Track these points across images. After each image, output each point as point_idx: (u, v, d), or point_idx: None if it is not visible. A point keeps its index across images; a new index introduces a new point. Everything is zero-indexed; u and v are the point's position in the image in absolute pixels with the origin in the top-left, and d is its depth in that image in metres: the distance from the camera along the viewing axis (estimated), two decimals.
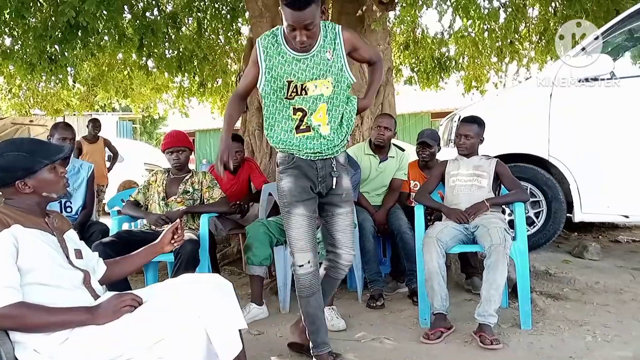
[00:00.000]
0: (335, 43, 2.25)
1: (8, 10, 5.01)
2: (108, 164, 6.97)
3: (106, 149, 6.81)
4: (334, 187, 2.33)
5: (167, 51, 6.96)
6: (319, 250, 3.16)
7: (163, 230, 3.19)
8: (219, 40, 7.82)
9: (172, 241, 2.10)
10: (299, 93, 2.24)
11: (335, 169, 2.33)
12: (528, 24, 7.70)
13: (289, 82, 2.23)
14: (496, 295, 2.69)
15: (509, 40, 7.20)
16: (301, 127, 2.27)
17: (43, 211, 1.81)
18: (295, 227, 2.29)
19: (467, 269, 3.68)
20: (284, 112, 2.28)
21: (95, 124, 6.64)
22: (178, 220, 2.21)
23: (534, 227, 4.19)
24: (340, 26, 2.30)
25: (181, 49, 6.97)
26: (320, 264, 2.46)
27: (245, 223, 3.95)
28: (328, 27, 2.26)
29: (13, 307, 1.54)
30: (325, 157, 2.30)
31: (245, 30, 7.86)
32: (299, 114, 2.26)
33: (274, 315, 3.25)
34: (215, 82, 8.49)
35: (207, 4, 6.90)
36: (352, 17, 4.63)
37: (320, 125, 2.26)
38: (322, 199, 2.37)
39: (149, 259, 2.19)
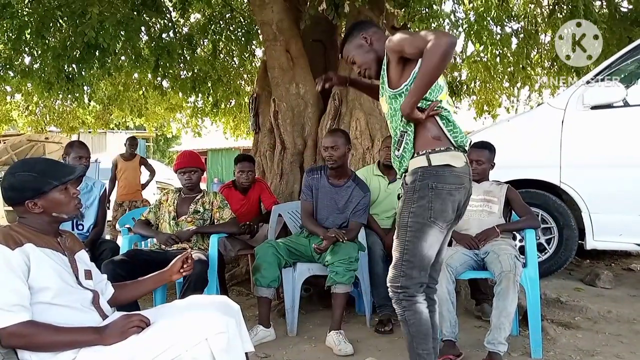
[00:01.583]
0: (385, 54, 2.12)
1: (29, 30, 5.14)
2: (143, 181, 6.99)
3: (142, 167, 6.86)
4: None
5: (182, 72, 7.07)
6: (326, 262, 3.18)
7: (172, 250, 3.23)
8: (233, 62, 7.95)
9: (181, 270, 2.09)
10: None
11: (402, 190, 2.16)
12: (540, 50, 7.75)
13: None
14: (506, 323, 2.66)
15: (521, 66, 7.23)
16: None
17: (55, 231, 1.83)
18: None
19: (476, 295, 3.63)
20: None
21: (131, 143, 6.74)
22: (189, 250, 2.21)
23: (545, 253, 4.16)
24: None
25: (196, 70, 7.08)
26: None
27: (254, 244, 3.96)
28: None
29: (22, 326, 1.55)
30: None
31: (259, 52, 7.98)
32: None
33: (281, 338, 3.23)
34: (229, 103, 8.60)
35: (222, 26, 7.02)
36: None
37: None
38: None
39: (157, 286, 2.19)
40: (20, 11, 5.12)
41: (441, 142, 2.05)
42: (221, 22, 7.03)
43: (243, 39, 7.13)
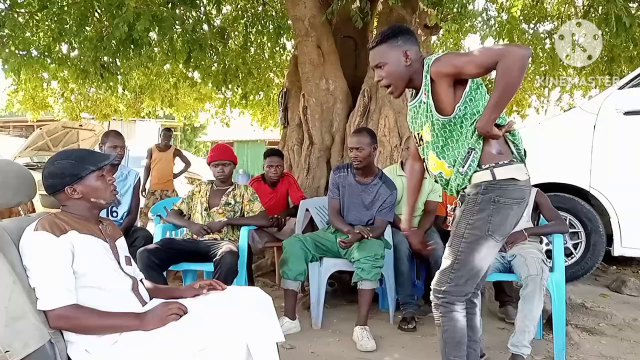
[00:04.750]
0: (426, 80, 2.02)
1: (68, 21, 5.28)
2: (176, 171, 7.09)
3: (177, 158, 6.98)
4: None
5: (213, 64, 7.14)
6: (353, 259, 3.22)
7: (204, 240, 3.32)
8: (263, 55, 8.01)
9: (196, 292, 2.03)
10: (419, 143, 2.18)
11: (460, 204, 2.14)
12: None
13: (414, 133, 2.20)
14: (531, 326, 2.68)
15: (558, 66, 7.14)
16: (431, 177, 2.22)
17: (96, 218, 1.92)
18: None
19: (501, 297, 3.64)
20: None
21: (166, 134, 6.87)
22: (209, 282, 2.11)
23: (572, 258, 4.14)
24: (434, 57, 2.02)
25: (227, 63, 7.15)
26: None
27: (281, 237, 4.04)
28: (425, 63, 2.03)
29: (68, 309, 1.65)
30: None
31: (289, 45, 8.03)
32: (425, 163, 2.22)
33: (305, 330, 3.30)
34: (258, 95, 8.68)
35: (253, 20, 7.08)
36: None
37: (441, 173, 2.12)
38: None
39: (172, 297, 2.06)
40: (60, 2, 5.25)
41: (504, 155, 2.04)
42: (253, 17, 7.09)
43: (274, 32, 7.18)
